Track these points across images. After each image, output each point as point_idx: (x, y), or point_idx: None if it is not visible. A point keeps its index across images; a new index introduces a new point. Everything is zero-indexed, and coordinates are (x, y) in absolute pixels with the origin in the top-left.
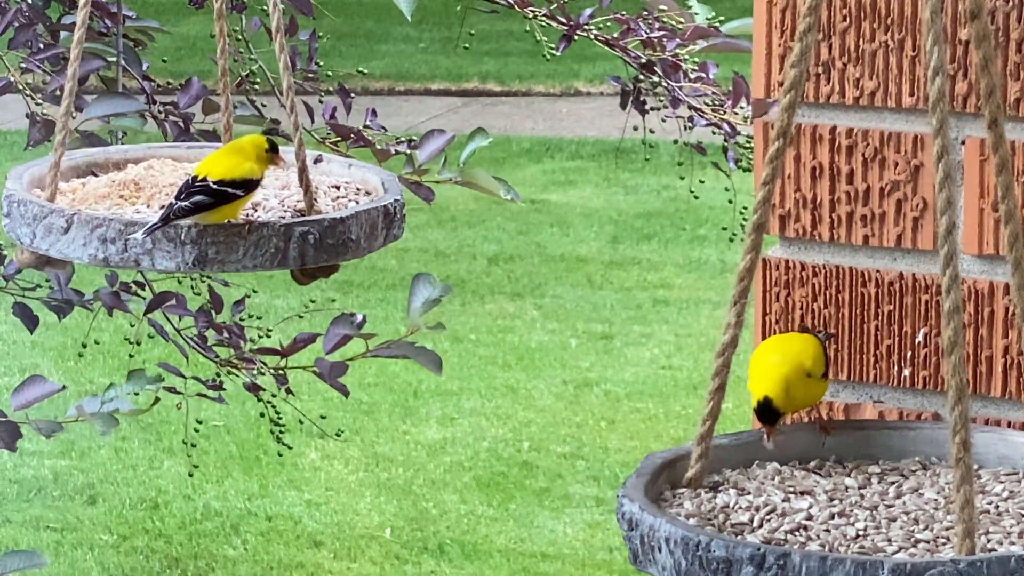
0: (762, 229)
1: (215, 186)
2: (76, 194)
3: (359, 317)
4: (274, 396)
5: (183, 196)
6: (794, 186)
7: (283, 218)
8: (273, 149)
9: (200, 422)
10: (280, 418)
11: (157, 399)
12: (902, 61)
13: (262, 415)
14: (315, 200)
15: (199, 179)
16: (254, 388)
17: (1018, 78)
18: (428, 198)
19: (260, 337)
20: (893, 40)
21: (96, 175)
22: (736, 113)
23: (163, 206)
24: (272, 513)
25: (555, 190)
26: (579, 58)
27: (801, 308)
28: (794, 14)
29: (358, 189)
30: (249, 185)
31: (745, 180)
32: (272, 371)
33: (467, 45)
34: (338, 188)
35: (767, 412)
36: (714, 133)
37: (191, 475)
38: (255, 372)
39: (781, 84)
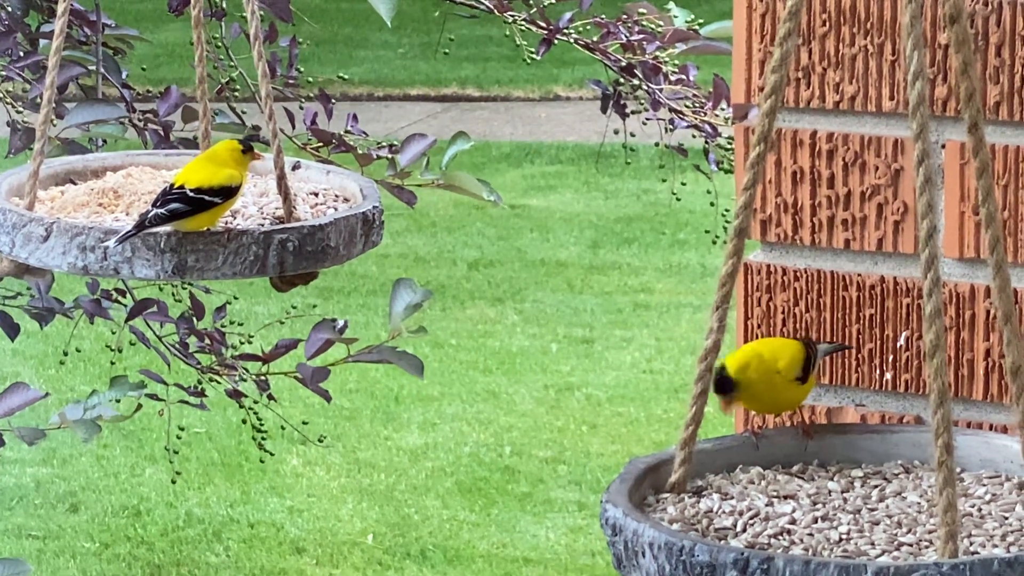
0: (744, 234)
1: (192, 194)
2: (55, 202)
3: (341, 322)
4: (256, 403)
5: (159, 204)
6: (775, 191)
7: (262, 225)
8: (247, 149)
9: (182, 429)
10: (262, 424)
11: (139, 406)
12: (882, 65)
13: (244, 422)
14: (294, 207)
15: (176, 187)
16: (236, 395)
17: (997, 81)
18: (410, 202)
19: (242, 343)
20: (873, 44)
21: (75, 183)
22: (717, 115)
23: (142, 213)
24: (254, 520)
25: (535, 195)
26: (558, 63)
27: (783, 312)
28: (774, 19)
29: (336, 196)
30: (227, 192)
31: (726, 183)
32: (254, 377)
33: (447, 51)
34: (316, 195)
35: (721, 380)
36: (694, 136)
37: (174, 482)
38: (237, 378)
39: (761, 89)
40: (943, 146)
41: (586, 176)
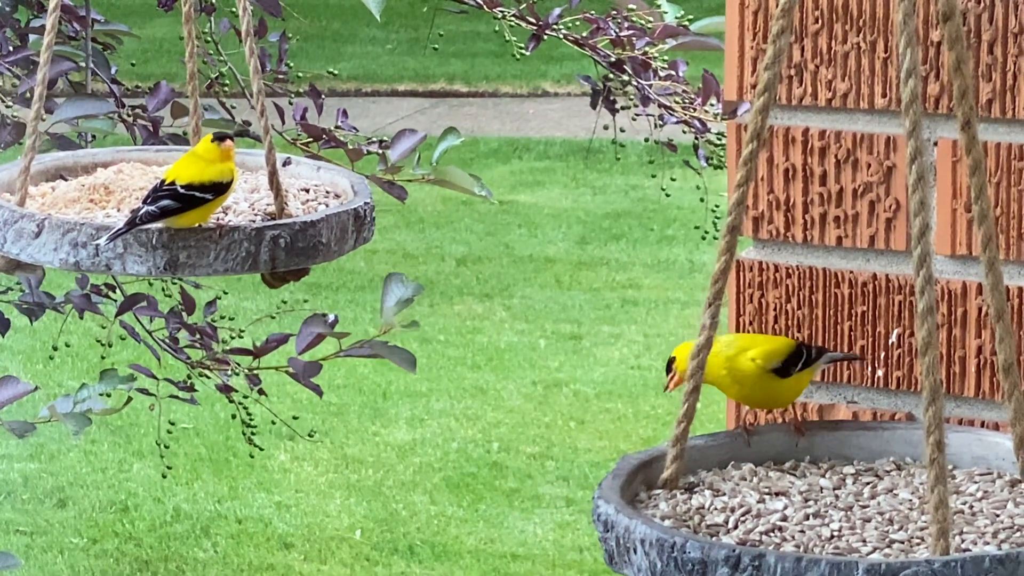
0: (736, 231)
1: (183, 190)
2: (46, 198)
3: (332, 317)
4: (246, 397)
5: (150, 200)
6: (767, 188)
7: (253, 222)
8: (219, 138)
9: (172, 423)
10: (251, 419)
11: (129, 399)
12: (874, 63)
13: (234, 416)
14: (285, 203)
15: (167, 183)
16: (226, 389)
17: (989, 79)
18: (401, 197)
19: (232, 338)
20: (865, 42)
21: (65, 179)
22: (706, 111)
23: (133, 210)
24: (242, 515)
25: (523, 191)
26: (546, 59)
27: (775, 309)
28: (766, 16)
29: (327, 192)
30: (218, 188)
31: (715, 178)
32: (245, 372)
33: (436, 46)
34: (307, 191)
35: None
36: (684, 132)
37: (164, 476)
38: (228, 373)
39: (754, 86)
40: (935, 143)
41: (574, 172)
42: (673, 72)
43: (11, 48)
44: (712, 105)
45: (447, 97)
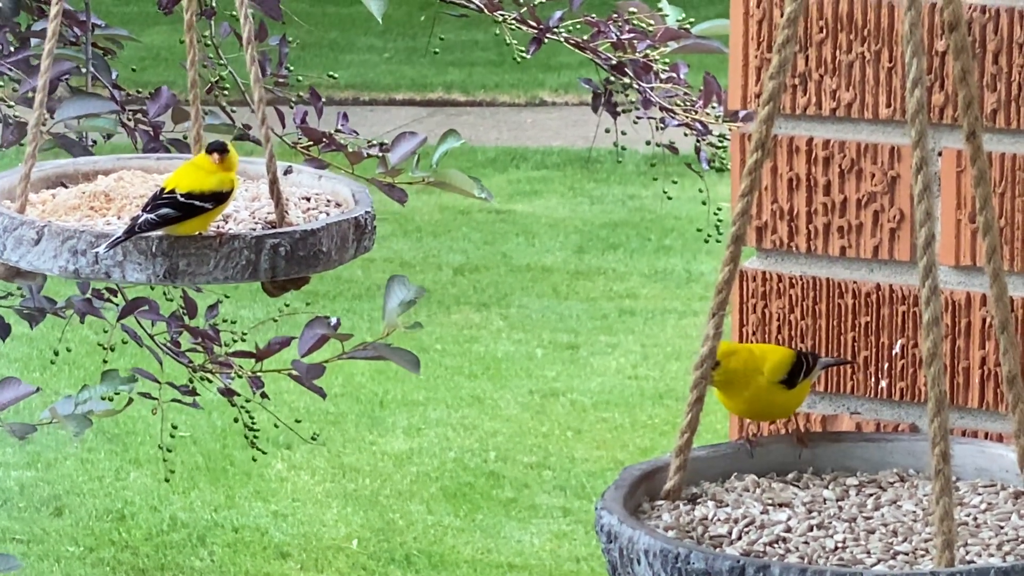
0: (740, 241)
1: (183, 199)
2: (46, 206)
3: (334, 320)
4: (248, 401)
5: (150, 208)
6: (771, 198)
7: (254, 230)
8: (210, 150)
9: (175, 427)
10: (254, 423)
11: (131, 400)
12: (879, 72)
13: (236, 420)
14: (286, 212)
15: (167, 191)
16: (228, 393)
17: (995, 89)
18: (402, 200)
19: (234, 342)
20: (870, 51)
21: (66, 186)
22: (708, 113)
23: (133, 218)
24: (239, 524)
25: (520, 200)
26: (544, 67)
27: (778, 319)
28: (771, 26)
29: (328, 200)
30: (218, 198)
31: (717, 183)
32: (247, 375)
33: (436, 50)
34: (308, 200)
35: None
36: (685, 135)
37: (167, 480)
38: (230, 376)
39: (758, 95)
40: (939, 153)
41: (572, 181)
42: (674, 75)
43: (12, 50)
44: (714, 107)
45: (445, 106)
